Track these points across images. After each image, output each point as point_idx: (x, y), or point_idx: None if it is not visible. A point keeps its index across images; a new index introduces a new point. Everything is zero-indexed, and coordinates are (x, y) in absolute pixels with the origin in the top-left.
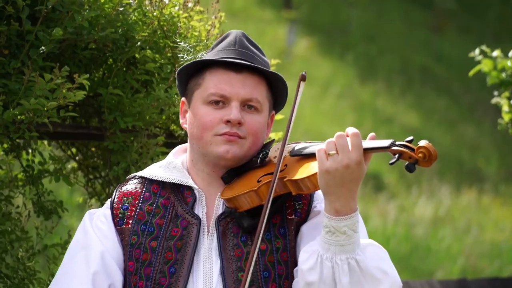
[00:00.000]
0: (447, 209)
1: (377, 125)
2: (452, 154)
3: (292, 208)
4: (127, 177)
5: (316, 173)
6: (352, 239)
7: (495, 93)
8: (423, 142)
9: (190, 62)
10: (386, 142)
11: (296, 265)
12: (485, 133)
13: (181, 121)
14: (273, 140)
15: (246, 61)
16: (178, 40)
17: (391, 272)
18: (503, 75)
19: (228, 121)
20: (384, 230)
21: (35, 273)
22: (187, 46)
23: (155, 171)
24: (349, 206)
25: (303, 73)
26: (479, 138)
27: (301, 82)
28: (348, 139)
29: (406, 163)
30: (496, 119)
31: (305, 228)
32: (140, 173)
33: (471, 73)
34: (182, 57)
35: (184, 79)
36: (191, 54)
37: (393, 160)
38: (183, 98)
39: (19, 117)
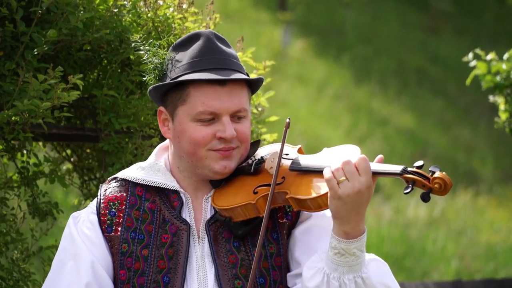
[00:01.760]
0: (442, 211)
1: (373, 127)
2: (447, 156)
3: (283, 212)
4: (108, 178)
5: (323, 195)
6: (360, 259)
7: (490, 96)
8: (437, 172)
9: (172, 82)
10: (397, 168)
11: (288, 270)
12: (480, 135)
13: (162, 130)
14: (259, 141)
15: (228, 69)
16: (138, 37)
17: (394, 286)
18: (498, 78)
19: (221, 138)
20: (379, 231)
21: (30, 274)
22: (145, 44)
23: (138, 173)
24: (358, 227)
25: (288, 120)
26: (475, 140)
27: (287, 129)
28: (355, 164)
29: (422, 192)
30: (492, 120)
31: (297, 233)
32: (122, 175)
33: (468, 81)
34: (147, 59)
35: (161, 90)
36: (151, 53)
37: (408, 190)
38: (161, 107)
39: (13, 118)
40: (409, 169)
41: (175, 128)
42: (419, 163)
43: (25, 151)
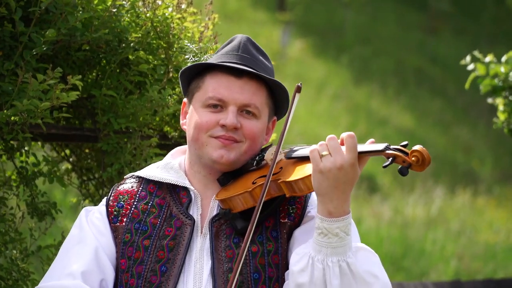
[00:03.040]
0: (441, 211)
1: (372, 127)
2: (446, 156)
3: (285, 212)
4: (125, 176)
5: (309, 175)
6: (344, 242)
7: (489, 99)
8: (417, 147)
9: (191, 64)
10: (380, 146)
11: (287, 268)
12: (479, 135)
13: (181, 122)
14: (271, 145)
15: (247, 66)
16: (186, 42)
17: (381, 276)
18: (496, 80)
19: (223, 125)
20: (378, 231)
21: (29, 274)
22: (193, 47)
23: (153, 171)
24: (342, 208)
25: (299, 84)
26: (474, 140)
27: (296, 93)
28: (343, 139)
29: (399, 166)
30: (491, 120)
31: (297, 233)
32: (138, 173)
33: (467, 85)
34: (189, 58)
35: (186, 80)
36: (197, 56)
37: (387, 163)
38: (185, 99)
39: (12, 118)
40: (392, 146)
41: (189, 116)
42: (404, 142)
43: (24, 151)
